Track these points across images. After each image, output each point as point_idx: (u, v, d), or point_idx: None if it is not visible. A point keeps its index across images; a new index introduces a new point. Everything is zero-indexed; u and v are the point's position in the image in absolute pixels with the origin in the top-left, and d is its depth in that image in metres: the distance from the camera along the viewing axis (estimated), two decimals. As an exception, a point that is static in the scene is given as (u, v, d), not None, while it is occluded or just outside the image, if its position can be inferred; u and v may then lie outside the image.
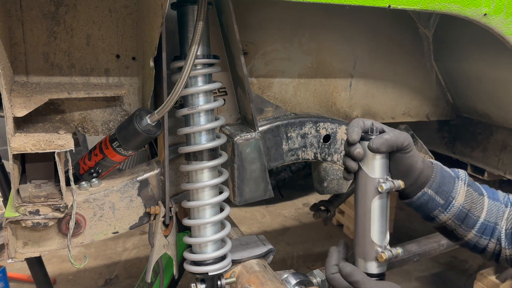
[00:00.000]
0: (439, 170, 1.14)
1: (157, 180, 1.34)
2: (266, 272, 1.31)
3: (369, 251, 1.10)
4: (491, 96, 1.80)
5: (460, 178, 1.16)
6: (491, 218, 1.16)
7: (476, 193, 1.15)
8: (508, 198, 1.19)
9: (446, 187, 1.12)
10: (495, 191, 1.21)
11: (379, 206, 1.09)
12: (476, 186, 1.17)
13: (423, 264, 3.25)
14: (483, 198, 1.15)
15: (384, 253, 1.07)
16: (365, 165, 1.09)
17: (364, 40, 1.71)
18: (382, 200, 1.09)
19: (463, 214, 1.14)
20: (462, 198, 1.13)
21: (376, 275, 1.10)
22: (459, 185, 1.14)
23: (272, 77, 1.57)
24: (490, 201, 1.16)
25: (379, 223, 1.09)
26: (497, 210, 1.16)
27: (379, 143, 1.06)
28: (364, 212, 1.11)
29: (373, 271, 1.09)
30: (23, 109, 1.06)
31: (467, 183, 1.15)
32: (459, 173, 1.18)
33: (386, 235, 1.11)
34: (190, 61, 1.08)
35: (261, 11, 1.48)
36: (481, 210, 1.15)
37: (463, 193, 1.14)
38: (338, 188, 1.93)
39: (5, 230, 1.12)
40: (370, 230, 1.10)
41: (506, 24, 1.33)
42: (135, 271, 3.16)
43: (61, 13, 1.20)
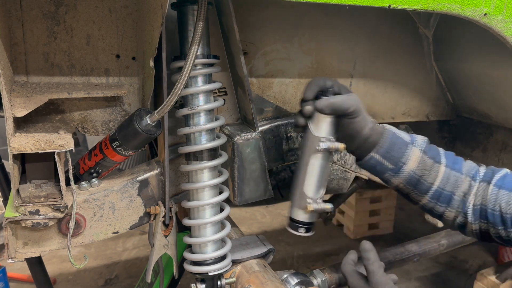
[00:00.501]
0: (390, 136, 1.18)
1: (157, 180, 1.34)
2: (266, 272, 1.31)
3: (300, 201, 1.21)
4: (491, 96, 1.80)
5: (415, 145, 1.19)
6: (446, 187, 1.18)
7: (431, 160, 1.18)
8: (477, 171, 1.20)
9: (395, 153, 1.17)
10: (461, 162, 1.22)
11: (316, 163, 1.18)
12: (434, 154, 1.19)
13: (423, 264, 3.25)
14: (439, 166, 1.18)
15: (310, 205, 1.18)
16: (313, 123, 1.18)
17: (364, 40, 1.71)
18: (320, 157, 1.18)
19: (415, 179, 1.18)
20: (413, 164, 1.17)
21: (302, 222, 1.22)
22: (412, 151, 1.17)
23: (272, 77, 1.57)
24: (447, 170, 1.18)
25: (313, 178, 1.19)
26: (456, 180, 1.18)
27: (323, 105, 1.13)
28: (303, 165, 1.20)
29: (299, 218, 1.22)
30: (23, 109, 1.06)
31: (422, 150, 1.18)
32: (416, 140, 1.20)
33: (319, 190, 1.21)
34: (190, 61, 1.08)
35: (261, 11, 1.48)
36: (435, 177, 1.18)
37: (415, 159, 1.17)
38: (338, 188, 1.93)
39: (5, 230, 1.12)
40: (304, 182, 1.20)
41: (506, 24, 1.33)
42: (135, 271, 3.16)
43: (61, 13, 1.20)
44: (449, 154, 1.23)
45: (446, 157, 1.21)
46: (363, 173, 1.73)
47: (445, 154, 1.22)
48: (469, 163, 1.23)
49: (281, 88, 1.60)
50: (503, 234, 1.14)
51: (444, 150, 1.24)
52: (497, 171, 1.19)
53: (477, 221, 1.18)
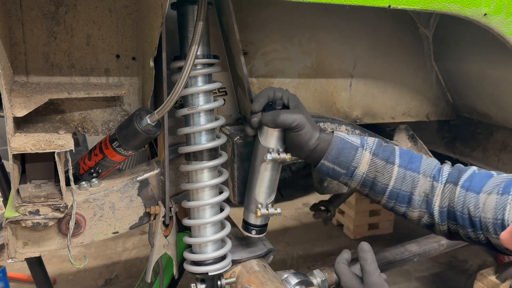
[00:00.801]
0: (338, 142, 1.21)
1: (157, 180, 1.34)
2: (266, 272, 1.31)
3: (252, 205, 1.30)
4: (491, 96, 1.80)
5: (366, 147, 1.21)
6: (403, 187, 1.20)
7: (383, 161, 1.20)
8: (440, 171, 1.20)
9: (345, 158, 1.20)
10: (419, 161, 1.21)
11: (265, 171, 1.26)
12: (387, 154, 1.21)
13: (423, 264, 3.25)
14: (392, 167, 1.20)
15: (260, 209, 1.28)
16: (261, 133, 1.24)
17: (364, 40, 1.71)
18: (269, 166, 1.26)
19: (369, 181, 1.22)
20: (365, 167, 1.21)
21: (254, 225, 1.32)
22: (362, 154, 1.20)
23: (272, 77, 1.57)
24: (401, 170, 1.19)
25: (264, 185, 1.28)
26: (412, 180, 1.19)
27: (268, 120, 1.19)
28: (253, 173, 1.28)
29: (252, 221, 1.32)
30: (23, 109, 1.06)
31: (372, 152, 1.21)
32: (366, 142, 1.22)
33: (269, 196, 1.30)
34: (190, 61, 1.08)
35: (261, 11, 1.48)
36: (389, 178, 1.20)
37: (365, 162, 1.20)
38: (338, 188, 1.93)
39: (5, 230, 1.12)
40: (255, 188, 1.29)
41: (506, 24, 1.33)
42: (135, 271, 3.16)
43: (61, 13, 1.20)
44: (405, 154, 1.23)
45: (400, 157, 1.21)
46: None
47: (400, 154, 1.22)
48: (428, 162, 1.22)
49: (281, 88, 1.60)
50: (472, 236, 1.14)
51: (401, 149, 1.24)
52: (464, 170, 1.18)
53: (444, 222, 1.18)
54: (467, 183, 1.13)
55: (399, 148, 1.24)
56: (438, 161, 1.24)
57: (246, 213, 1.33)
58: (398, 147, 1.25)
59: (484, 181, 1.12)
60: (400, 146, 1.25)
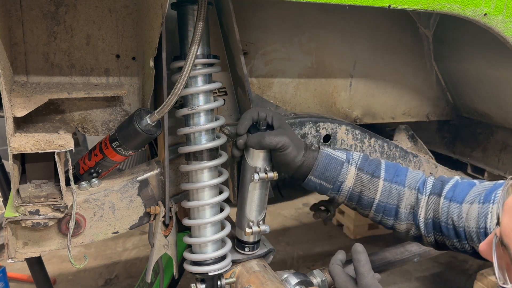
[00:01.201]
0: (323, 158, 1.24)
1: (157, 180, 1.33)
2: (266, 272, 1.31)
3: (242, 222, 1.34)
4: (491, 96, 1.80)
5: (351, 163, 1.24)
6: (389, 200, 1.22)
7: (368, 176, 1.22)
8: (424, 183, 1.22)
9: (330, 173, 1.23)
10: (405, 174, 1.23)
11: (254, 190, 1.29)
12: (373, 168, 1.23)
13: (423, 264, 3.25)
14: (378, 181, 1.22)
15: (252, 228, 1.32)
16: (248, 154, 1.27)
17: (364, 40, 1.71)
18: (257, 185, 1.29)
19: (355, 196, 1.24)
20: (350, 181, 1.23)
21: (246, 242, 1.36)
22: (348, 169, 1.23)
23: (272, 77, 1.57)
24: (387, 184, 1.22)
25: (254, 203, 1.31)
26: (398, 193, 1.21)
27: (253, 142, 1.22)
28: (243, 192, 1.31)
29: (244, 239, 1.35)
30: (23, 109, 1.06)
31: (358, 167, 1.23)
32: (351, 157, 1.25)
33: (260, 213, 1.33)
34: (190, 61, 1.08)
35: (261, 11, 1.48)
36: (375, 192, 1.22)
37: (351, 177, 1.23)
38: (338, 188, 1.92)
39: (5, 230, 1.12)
40: (245, 207, 1.32)
41: (506, 24, 1.33)
42: (135, 271, 3.16)
43: (61, 13, 1.20)
44: (391, 168, 1.25)
45: (386, 171, 1.23)
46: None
47: (386, 168, 1.24)
48: (413, 175, 1.24)
49: (281, 88, 1.60)
50: (458, 246, 1.15)
51: (387, 163, 1.26)
52: (447, 181, 1.19)
53: (430, 233, 1.20)
54: (450, 194, 1.15)
55: (384, 162, 1.27)
56: (423, 173, 1.26)
57: (238, 232, 1.36)
58: (384, 161, 1.28)
59: (466, 190, 1.14)
60: (385, 160, 1.29)
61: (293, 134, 1.28)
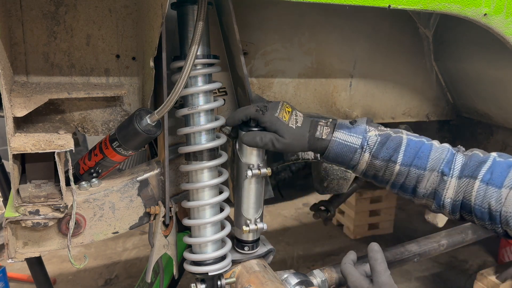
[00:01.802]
0: (335, 148, 1.23)
1: (157, 180, 1.33)
2: (266, 272, 1.31)
3: (239, 221, 1.34)
4: (491, 96, 1.80)
5: (365, 150, 1.22)
6: (406, 181, 1.20)
7: (383, 162, 1.20)
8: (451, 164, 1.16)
9: (343, 159, 1.24)
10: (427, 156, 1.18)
11: (249, 187, 1.30)
12: (390, 153, 1.19)
13: (423, 264, 3.25)
14: (394, 166, 1.19)
15: (249, 226, 1.32)
16: (241, 152, 1.28)
17: (364, 40, 1.71)
18: (252, 181, 1.30)
19: (370, 175, 1.25)
20: (364, 166, 1.23)
21: (245, 241, 1.36)
22: (361, 156, 1.22)
23: (272, 77, 1.57)
24: (404, 168, 1.19)
25: (250, 201, 1.31)
26: (417, 176, 1.18)
27: (247, 141, 1.23)
28: (238, 191, 1.32)
29: (243, 238, 1.36)
30: (23, 109, 1.06)
31: (372, 154, 1.21)
32: (366, 143, 1.22)
33: (257, 211, 1.34)
34: (190, 61, 1.08)
35: (261, 11, 1.48)
36: (390, 175, 1.21)
37: (365, 162, 1.22)
38: (338, 188, 1.92)
39: (5, 230, 1.12)
40: (242, 205, 1.33)
41: (506, 24, 1.33)
42: (135, 271, 3.16)
43: (61, 13, 1.20)
44: (411, 149, 1.19)
45: (404, 154, 1.19)
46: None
47: (406, 150, 1.19)
48: (436, 156, 1.18)
49: (281, 88, 1.60)
50: (488, 227, 1.12)
51: (407, 144, 1.20)
52: (483, 162, 1.13)
53: (457, 213, 1.17)
54: (487, 176, 1.10)
55: (406, 143, 1.21)
56: (449, 149, 1.19)
57: (237, 231, 1.37)
58: (406, 139, 1.21)
59: (505, 173, 1.08)
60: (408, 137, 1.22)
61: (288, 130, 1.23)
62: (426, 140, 1.22)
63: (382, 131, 1.24)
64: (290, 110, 1.27)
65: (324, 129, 1.25)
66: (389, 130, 1.25)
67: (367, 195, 3.54)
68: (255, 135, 1.22)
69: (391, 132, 1.24)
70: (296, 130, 1.24)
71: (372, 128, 1.25)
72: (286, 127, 1.23)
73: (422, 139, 1.22)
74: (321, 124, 1.26)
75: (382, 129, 1.26)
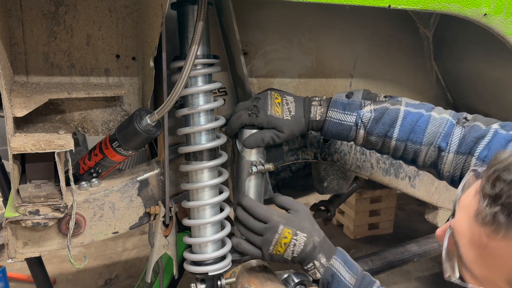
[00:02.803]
0: (330, 127, 1.26)
1: (157, 180, 1.33)
2: (266, 272, 1.31)
3: None
4: (491, 96, 1.80)
5: (360, 126, 1.24)
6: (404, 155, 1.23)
7: (378, 138, 1.23)
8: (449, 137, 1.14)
9: (339, 137, 1.28)
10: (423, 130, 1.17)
11: (251, 183, 1.31)
12: (386, 128, 1.20)
13: (423, 264, 3.25)
14: (390, 141, 1.21)
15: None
16: (242, 149, 1.29)
17: (364, 40, 1.71)
18: (254, 178, 1.31)
19: (368, 147, 1.28)
20: (360, 141, 1.27)
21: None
22: (357, 133, 1.25)
23: (272, 77, 1.57)
24: (400, 144, 1.21)
25: (252, 197, 1.31)
26: (414, 151, 1.21)
27: (249, 144, 1.25)
28: (241, 187, 1.32)
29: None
30: (23, 109, 1.06)
31: (367, 131, 1.23)
32: (360, 120, 1.23)
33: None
34: (190, 61, 1.08)
35: (261, 11, 1.48)
36: (387, 149, 1.24)
37: (361, 138, 1.27)
38: (338, 188, 1.92)
39: (5, 230, 1.12)
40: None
41: (506, 24, 1.33)
42: (135, 271, 3.16)
43: (61, 13, 1.20)
44: (408, 124, 1.18)
45: (400, 129, 1.19)
46: (363, 173, 1.73)
47: (401, 125, 1.19)
48: (433, 129, 1.16)
49: (281, 88, 1.60)
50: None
51: (404, 118, 1.19)
52: (482, 137, 1.09)
53: (456, 185, 1.14)
54: (484, 153, 1.07)
55: (402, 116, 1.19)
56: (447, 121, 1.16)
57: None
58: (402, 113, 1.20)
59: (502, 148, 1.05)
60: (407, 110, 1.20)
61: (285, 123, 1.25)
62: (425, 110, 1.20)
63: (378, 105, 1.22)
64: (280, 99, 1.27)
65: (318, 109, 1.26)
66: (386, 103, 1.22)
67: (367, 195, 3.54)
68: (256, 137, 1.25)
69: (389, 104, 1.22)
70: (292, 120, 1.25)
71: (368, 102, 1.23)
72: (282, 122, 1.25)
73: (421, 110, 1.19)
74: (315, 104, 1.27)
75: (379, 101, 1.23)
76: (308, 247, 1.17)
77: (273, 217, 1.18)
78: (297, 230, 1.17)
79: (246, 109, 1.26)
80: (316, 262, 1.17)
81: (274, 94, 1.28)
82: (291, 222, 1.18)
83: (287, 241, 1.17)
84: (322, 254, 1.17)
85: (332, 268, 1.16)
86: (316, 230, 1.20)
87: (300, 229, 1.17)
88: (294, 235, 1.16)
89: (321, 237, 1.19)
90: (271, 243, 1.17)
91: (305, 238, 1.17)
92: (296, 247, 1.17)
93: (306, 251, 1.17)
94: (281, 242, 1.17)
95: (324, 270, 1.16)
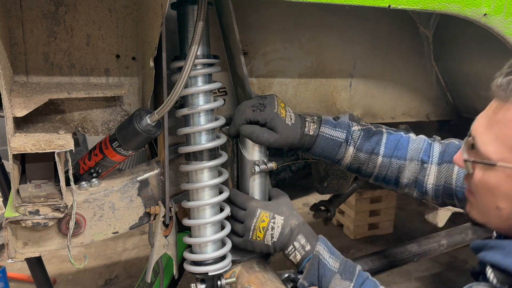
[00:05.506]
0: (321, 142, 1.31)
1: (157, 180, 1.34)
2: (266, 272, 1.31)
3: None
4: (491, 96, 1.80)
5: (350, 143, 1.30)
6: (388, 173, 1.30)
7: (367, 155, 1.30)
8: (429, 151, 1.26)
9: (329, 153, 1.32)
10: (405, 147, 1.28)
11: (255, 183, 1.33)
12: (372, 145, 1.29)
13: (423, 264, 3.25)
14: (377, 158, 1.29)
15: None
16: (245, 148, 1.31)
17: (364, 40, 1.71)
18: (257, 177, 1.33)
19: (354, 168, 1.34)
20: (348, 159, 1.32)
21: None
22: (346, 149, 1.30)
23: (272, 77, 1.57)
24: (386, 160, 1.29)
25: (256, 196, 1.33)
26: (398, 166, 1.28)
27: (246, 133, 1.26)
28: (245, 187, 1.34)
29: None
30: (23, 109, 1.06)
31: (356, 147, 1.30)
32: (350, 137, 1.30)
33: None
34: (190, 61, 1.08)
35: (261, 11, 1.48)
36: (373, 167, 1.30)
37: (349, 155, 1.30)
38: (338, 188, 1.93)
39: (5, 230, 1.12)
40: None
41: (506, 24, 1.33)
42: (135, 271, 3.16)
43: (61, 13, 1.20)
44: (392, 142, 1.29)
45: (385, 147, 1.29)
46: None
47: (386, 143, 1.29)
48: (414, 146, 1.28)
49: (281, 88, 1.60)
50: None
51: (388, 138, 1.30)
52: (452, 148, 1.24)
53: (439, 198, 1.26)
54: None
55: (386, 136, 1.30)
56: (425, 140, 1.30)
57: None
58: (386, 134, 1.31)
59: None
60: (388, 132, 1.32)
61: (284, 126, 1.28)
62: (404, 133, 1.33)
63: (364, 126, 1.33)
64: (284, 105, 1.32)
65: (311, 125, 1.32)
66: (369, 125, 1.34)
67: (367, 195, 3.54)
68: (253, 128, 1.27)
69: (372, 127, 1.34)
70: (291, 127, 1.30)
71: (355, 123, 1.33)
72: (284, 124, 1.28)
73: (400, 132, 1.33)
74: (308, 121, 1.33)
75: (364, 124, 1.35)
76: (286, 229, 1.23)
77: (251, 203, 1.25)
78: (275, 214, 1.23)
79: (251, 106, 1.28)
80: (295, 243, 1.22)
81: (278, 98, 1.33)
82: (269, 207, 1.25)
83: (265, 224, 1.22)
84: (302, 235, 1.22)
85: (316, 254, 1.20)
86: (294, 215, 1.26)
87: (278, 212, 1.24)
88: (272, 218, 1.23)
89: (300, 221, 1.25)
90: (250, 228, 1.23)
91: (282, 221, 1.22)
92: (275, 231, 1.22)
93: (285, 234, 1.23)
94: (260, 226, 1.22)
95: (306, 254, 1.22)
